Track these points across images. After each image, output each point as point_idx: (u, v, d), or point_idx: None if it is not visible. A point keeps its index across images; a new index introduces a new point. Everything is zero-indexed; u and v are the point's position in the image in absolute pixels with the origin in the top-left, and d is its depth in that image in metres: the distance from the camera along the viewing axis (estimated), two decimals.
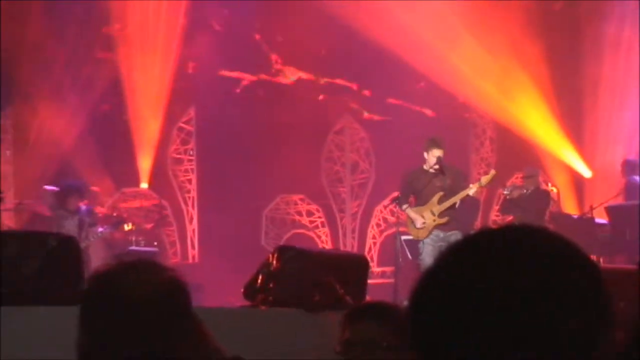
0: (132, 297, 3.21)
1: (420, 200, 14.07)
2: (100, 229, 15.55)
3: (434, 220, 13.83)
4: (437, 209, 13.79)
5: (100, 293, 3.27)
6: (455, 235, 13.36)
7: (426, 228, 13.91)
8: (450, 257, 1.85)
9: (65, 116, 18.50)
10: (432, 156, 13.83)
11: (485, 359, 1.75)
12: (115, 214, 17.02)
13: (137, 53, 19.74)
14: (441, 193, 13.80)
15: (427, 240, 13.90)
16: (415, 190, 14.18)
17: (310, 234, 19.14)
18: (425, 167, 14.04)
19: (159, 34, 19.99)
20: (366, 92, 19.88)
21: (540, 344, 1.73)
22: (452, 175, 14.03)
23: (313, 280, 8.98)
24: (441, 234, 13.72)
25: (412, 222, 14.09)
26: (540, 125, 18.63)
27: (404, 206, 14.26)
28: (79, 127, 18.68)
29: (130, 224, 16.55)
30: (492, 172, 15.04)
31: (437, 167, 13.84)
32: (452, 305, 1.78)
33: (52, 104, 18.47)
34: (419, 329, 1.85)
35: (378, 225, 19.13)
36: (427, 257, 13.69)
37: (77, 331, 3.21)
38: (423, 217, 13.88)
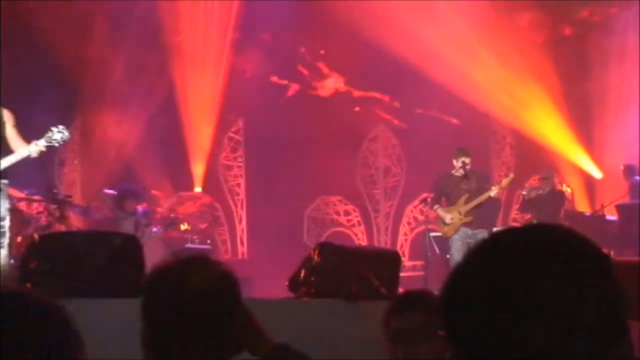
0: (189, 289, 3.22)
1: (450, 202, 14.23)
2: (154, 229, 15.63)
3: (460, 219, 13.96)
4: (464, 209, 13.95)
5: (161, 285, 3.28)
6: (482, 233, 13.68)
7: (453, 226, 14.04)
8: (476, 254, 1.85)
9: (127, 125, 18.54)
10: (460, 163, 14.02)
11: (507, 351, 1.74)
12: (172, 215, 17.05)
13: (190, 65, 19.76)
14: (467, 195, 13.95)
15: (456, 237, 14.04)
16: (445, 192, 14.33)
17: (348, 231, 19.10)
18: (453, 172, 14.22)
19: (210, 46, 20.02)
20: (396, 104, 19.88)
21: (561, 335, 1.71)
22: (477, 178, 14.25)
23: (350, 273, 8.94)
24: (469, 232, 13.85)
25: (442, 220, 14.22)
26: (554, 131, 18.59)
27: (435, 207, 14.42)
28: (139, 136, 18.73)
29: (186, 224, 16.61)
30: (511, 175, 15.34)
31: (463, 172, 14.00)
32: (477, 300, 1.78)
33: (114, 114, 18.55)
34: (449, 321, 1.84)
35: (409, 223, 19.08)
36: (457, 252, 13.91)
37: (140, 321, 3.21)
38: (451, 216, 14.01)
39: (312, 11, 18.89)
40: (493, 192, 14.15)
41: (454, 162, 14.20)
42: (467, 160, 14.08)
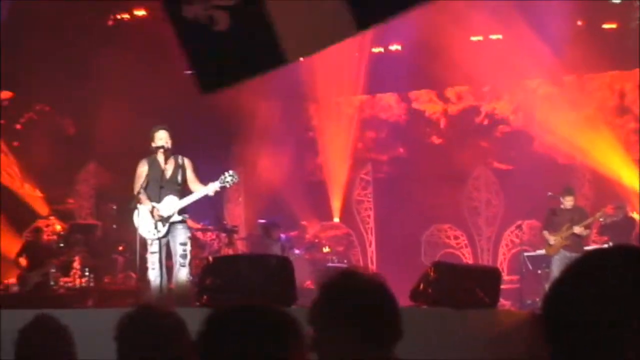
0: (360, 290, 3.18)
1: (554, 228, 14.50)
2: (297, 251, 15.81)
3: (562, 243, 14.28)
4: (565, 235, 14.27)
5: (335, 290, 3.24)
6: (576, 254, 13.65)
7: (555, 247, 14.36)
8: (569, 273, 1.88)
9: (279, 167, 18.82)
10: (564, 199, 14.52)
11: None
12: (316, 240, 17.20)
13: (328, 114, 19.92)
14: (568, 224, 14.27)
15: (556, 257, 14.31)
16: (553, 221, 14.60)
17: (457, 252, 18.97)
18: (562, 206, 14.61)
19: (343, 100, 20.14)
20: (494, 148, 19.83)
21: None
22: (578, 212, 14.64)
23: (460, 286, 8.97)
24: (567, 254, 13.95)
25: (547, 242, 14.55)
26: (623, 168, 18.20)
27: (544, 232, 14.70)
28: (289, 176, 18.98)
29: (327, 248, 16.74)
30: (603, 210, 15.28)
31: (568, 206, 14.50)
32: (570, 312, 1.80)
33: (268, 157, 18.86)
34: (547, 331, 1.86)
35: (507, 245, 18.85)
36: (556, 269, 14.10)
37: (311, 326, 3.15)
38: (554, 239, 14.36)
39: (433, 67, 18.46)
40: (584, 225, 14.40)
41: (560, 198, 14.59)
42: (570, 197, 14.52)
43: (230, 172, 11.10)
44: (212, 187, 11.04)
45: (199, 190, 11.09)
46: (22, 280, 14.31)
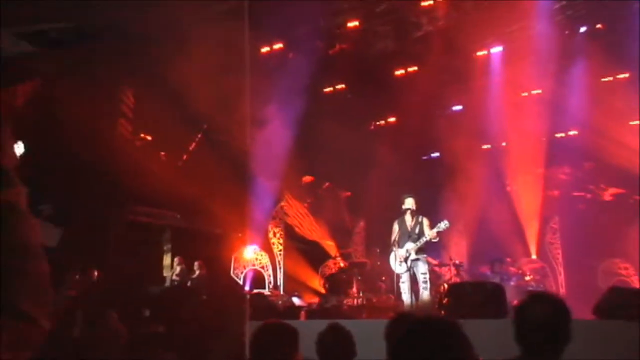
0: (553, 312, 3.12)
1: None
2: (511, 283, 15.12)
3: None
4: None
5: (523, 309, 3.19)
6: None
7: None
8: None
9: (489, 215, 17.98)
10: None
11: None
12: (519, 272, 16.54)
13: (515, 166, 18.47)
14: None
15: None
16: None
17: (628, 280, 17.53)
18: None
19: (528, 153, 18.44)
20: None
21: None
22: None
23: (631, 303, 8.41)
24: None
25: None
26: None
27: None
28: (499, 223, 18.03)
29: (529, 276, 16.03)
30: None
31: None
32: None
33: (480, 209, 18.04)
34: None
35: None
36: None
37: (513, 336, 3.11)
38: None
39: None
40: None
41: None
42: None
43: (445, 221, 11.17)
44: (431, 235, 11.16)
45: (425, 236, 11.27)
46: (324, 300, 14.82)
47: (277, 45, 15.67)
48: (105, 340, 8.45)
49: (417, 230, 11.37)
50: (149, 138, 15.55)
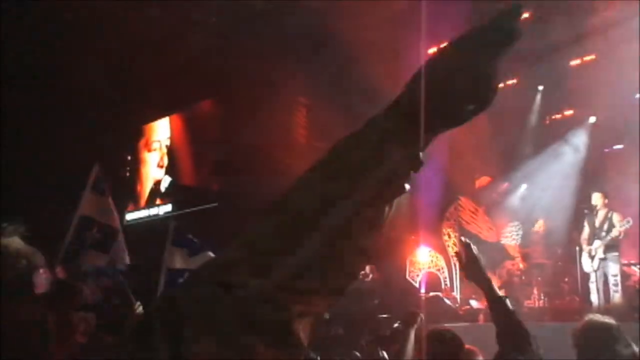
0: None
1: None
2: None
3: None
4: None
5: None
6: None
7: None
8: None
9: None
10: None
11: None
12: None
13: None
14: None
15: None
16: None
17: None
18: None
19: None
20: None
21: None
22: None
23: None
24: None
25: None
26: None
27: None
28: None
29: None
30: None
31: None
32: None
33: None
34: None
35: None
36: None
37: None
38: None
39: None
40: None
41: None
42: None
43: (628, 219, 10.66)
44: (614, 233, 10.76)
45: (613, 233, 10.93)
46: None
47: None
48: None
49: (605, 227, 10.99)
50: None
